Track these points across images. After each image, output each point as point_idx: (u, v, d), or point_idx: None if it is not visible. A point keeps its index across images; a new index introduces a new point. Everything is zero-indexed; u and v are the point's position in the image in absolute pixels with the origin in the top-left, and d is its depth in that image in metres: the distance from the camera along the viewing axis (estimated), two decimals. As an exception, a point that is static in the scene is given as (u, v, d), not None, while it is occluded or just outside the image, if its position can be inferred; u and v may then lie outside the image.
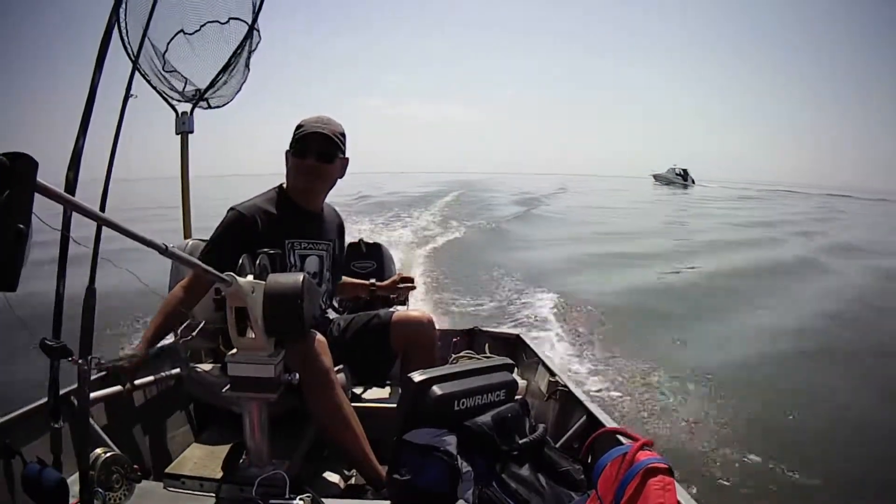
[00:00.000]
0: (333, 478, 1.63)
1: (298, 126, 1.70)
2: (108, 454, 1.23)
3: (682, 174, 57.09)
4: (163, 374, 1.76)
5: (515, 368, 1.55)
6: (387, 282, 2.13)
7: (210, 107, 2.39)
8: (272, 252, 1.36)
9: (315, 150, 1.67)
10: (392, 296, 2.19)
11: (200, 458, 1.50)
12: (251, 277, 1.28)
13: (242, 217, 1.61)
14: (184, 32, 2.23)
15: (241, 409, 1.37)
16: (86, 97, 1.23)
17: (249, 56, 2.30)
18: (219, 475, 1.38)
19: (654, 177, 61.81)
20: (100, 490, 1.17)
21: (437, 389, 1.27)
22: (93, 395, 1.42)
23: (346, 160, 1.76)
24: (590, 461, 1.43)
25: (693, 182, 57.80)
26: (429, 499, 1.16)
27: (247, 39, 2.21)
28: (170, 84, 2.30)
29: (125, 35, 2.02)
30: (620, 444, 1.24)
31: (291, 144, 1.70)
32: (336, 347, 1.54)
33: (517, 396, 1.44)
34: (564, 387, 1.89)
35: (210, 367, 1.69)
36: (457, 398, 1.29)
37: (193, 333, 1.37)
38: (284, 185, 1.75)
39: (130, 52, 1.98)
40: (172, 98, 2.33)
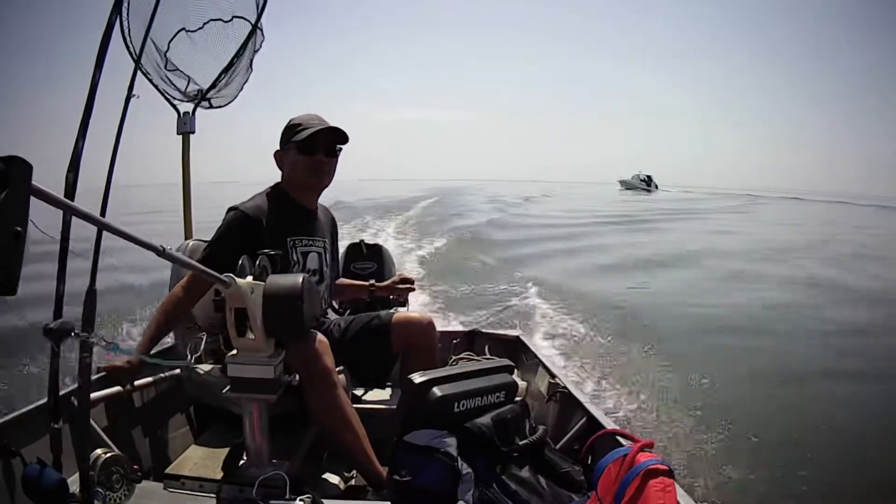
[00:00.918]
0: (334, 479, 1.63)
1: (296, 124, 1.68)
2: (108, 454, 1.23)
3: (647, 180, 62.91)
4: (163, 375, 1.76)
5: (515, 370, 1.55)
6: (386, 282, 2.13)
7: (212, 106, 2.37)
8: (272, 253, 1.36)
9: (323, 146, 1.68)
10: (392, 297, 2.18)
11: (200, 459, 1.50)
12: (251, 278, 1.28)
13: (246, 216, 1.61)
14: (186, 30, 2.20)
15: (242, 410, 1.37)
16: (86, 97, 1.22)
17: (253, 56, 2.29)
18: (219, 476, 1.38)
19: (621, 182, 67.23)
20: (100, 490, 1.17)
21: (438, 391, 1.28)
22: (93, 396, 1.43)
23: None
24: (590, 462, 1.43)
25: (656, 187, 63.04)
26: (429, 500, 1.16)
27: (250, 38, 2.19)
28: (171, 83, 2.28)
29: (127, 33, 2.00)
30: (621, 446, 1.24)
31: (296, 143, 1.67)
32: (335, 348, 1.54)
33: (517, 398, 1.44)
34: (564, 388, 1.89)
35: (210, 368, 1.69)
36: (457, 399, 1.29)
37: (200, 351, 1.36)
38: (280, 184, 1.75)
39: (133, 51, 1.95)
40: (174, 98, 2.31)
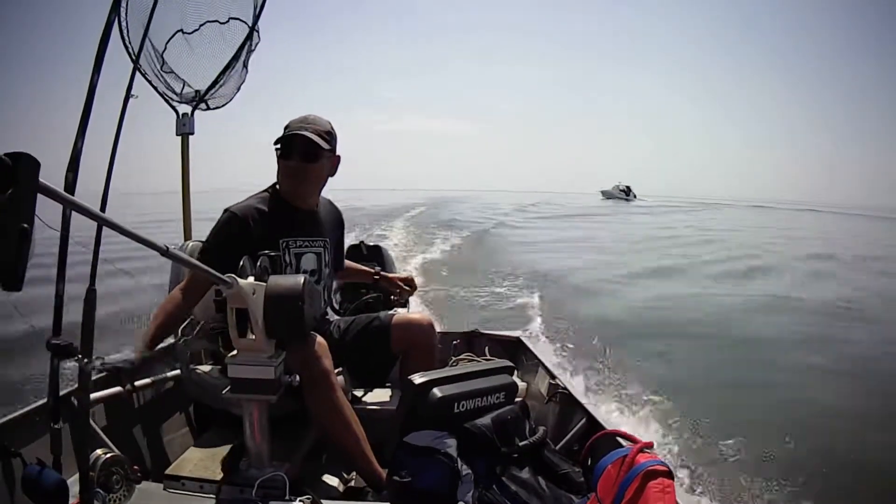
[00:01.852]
0: (333, 480, 1.63)
1: (286, 127, 1.69)
2: (108, 455, 1.23)
3: (626, 190, 67.33)
4: (163, 376, 1.76)
5: (515, 371, 1.55)
6: (391, 275, 2.13)
7: (209, 108, 2.37)
8: (273, 254, 1.36)
9: (298, 151, 1.66)
10: (393, 297, 2.19)
11: (200, 460, 1.50)
12: (252, 279, 1.28)
13: (236, 218, 1.61)
14: (183, 32, 2.20)
15: (242, 411, 1.37)
16: (84, 97, 1.22)
17: (248, 56, 2.28)
18: (219, 477, 1.38)
19: (602, 192, 72.42)
20: (100, 491, 1.17)
21: (438, 392, 1.27)
22: (93, 396, 1.42)
23: (337, 158, 1.75)
24: (590, 463, 1.43)
25: (635, 196, 67.30)
26: (429, 501, 1.16)
27: (247, 40, 2.19)
28: (168, 85, 2.28)
29: (125, 34, 2.00)
30: (620, 447, 1.24)
31: (276, 147, 1.68)
32: (335, 350, 1.54)
33: (517, 399, 1.44)
34: (564, 389, 1.89)
35: (210, 369, 1.69)
36: (457, 400, 1.29)
37: (195, 332, 1.37)
38: (276, 185, 1.75)
39: (131, 52, 1.96)
40: (172, 99, 2.31)
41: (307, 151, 1.66)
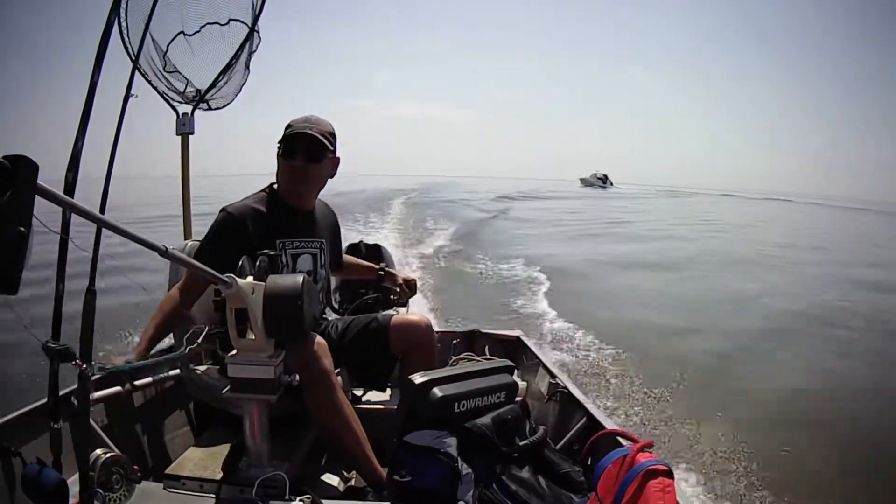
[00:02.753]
0: (333, 479, 1.63)
1: (287, 126, 1.69)
2: (108, 455, 1.23)
3: (603, 178, 71.97)
4: (163, 375, 1.76)
5: (515, 370, 1.55)
6: (396, 273, 2.13)
7: (210, 108, 2.38)
8: (272, 254, 1.36)
9: (302, 151, 1.66)
10: (393, 297, 2.19)
11: (200, 460, 1.50)
12: (251, 279, 1.28)
13: (232, 218, 1.61)
14: (184, 34, 2.22)
15: (242, 411, 1.37)
16: (85, 97, 1.22)
17: (249, 57, 2.29)
18: (219, 476, 1.38)
19: (581, 180, 77.05)
20: (100, 491, 1.17)
21: (438, 391, 1.27)
22: (93, 396, 1.42)
23: (337, 160, 1.76)
24: (590, 463, 1.43)
25: (612, 184, 73.21)
26: (429, 500, 1.16)
27: (247, 41, 2.20)
28: (170, 85, 2.29)
29: (125, 34, 2.01)
30: (621, 446, 1.24)
31: (278, 146, 1.68)
32: (334, 350, 1.54)
33: (517, 398, 1.44)
34: (564, 388, 1.89)
35: (210, 369, 1.69)
36: (457, 400, 1.29)
37: (199, 340, 1.37)
38: (275, 185, 1.75)
39: (131, 52, 1.96)
40: (173, 99, 2.32)
41: (311, 151, 1.67)
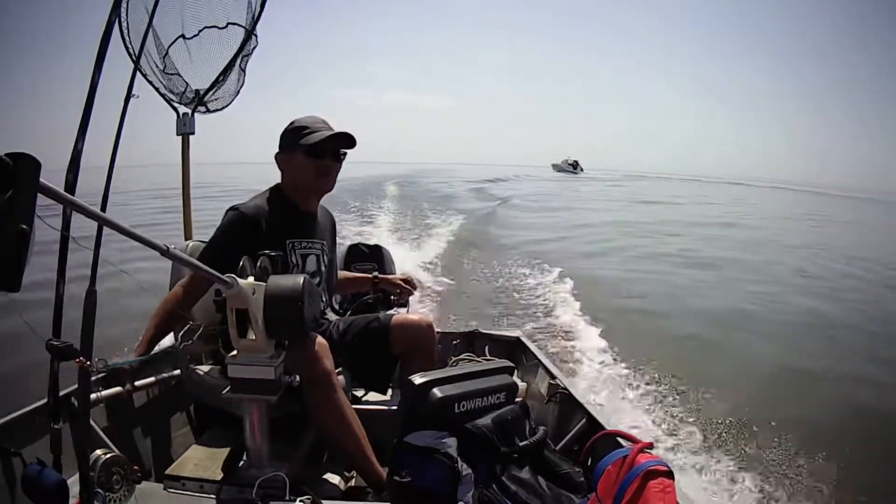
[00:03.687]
0: (334, 480, 1.63)
1: (300, 127, 1.67)
2: (108, 455, 1.22)
3: (574, 164, 75.64)
4: (163, 376, 1.76)
5: (516, 371, 1.55)
6: (390, 276, 2.14)
7: (209, 111, 2.39)
8: (273, 254, 1.36)
9: (332, 151, 1.68)
10: (393, 297, 2.19)
11: (201, 460, 1.50)
12: (252, 279, 1.28)
13: (245, 217, 1.60)
14: (184, 37, 2.23)
15: (242, 411, 1.37)
16: (85, 97, 1.22)
17: (246, 60, 2.30)
18: (219, 477, 1.38)
19: (553, 166, 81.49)
20: (100, 491, 1.16)
21: (438, 392, 1.27)
22: (93, 396, 1.42)
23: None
24: (590, 464, 1.43)
25: (582, 170, 76.61)
26: (429, 501, 1.16)
27: (245, 45, 2.21)
28: (170, 86, 2.30)
29: (126, 34, 2.01)
30: (621, 447, 1.24)
31: (305, 146, 1.65)
32: (334, 350, 1.54)
33: (517, 399, 1.44)
34: (564, 389, 1.89)
35: (210, 369, 1.69)
36: (457, 401, 1.29)
37: (194, 337, 1.37)
38: (280, 186, 1.75)
39: (132, 52, 1.97)
40: (173, 101, 2.33)
41: (336, 151, 1.70)
